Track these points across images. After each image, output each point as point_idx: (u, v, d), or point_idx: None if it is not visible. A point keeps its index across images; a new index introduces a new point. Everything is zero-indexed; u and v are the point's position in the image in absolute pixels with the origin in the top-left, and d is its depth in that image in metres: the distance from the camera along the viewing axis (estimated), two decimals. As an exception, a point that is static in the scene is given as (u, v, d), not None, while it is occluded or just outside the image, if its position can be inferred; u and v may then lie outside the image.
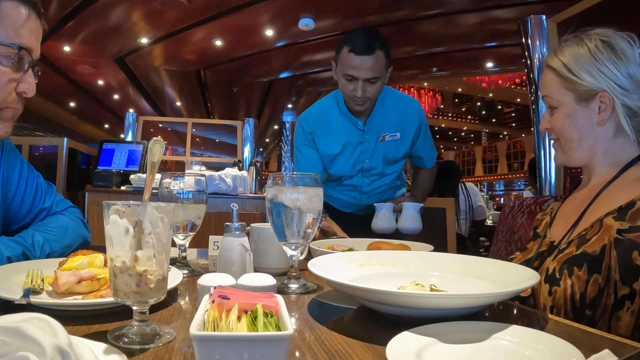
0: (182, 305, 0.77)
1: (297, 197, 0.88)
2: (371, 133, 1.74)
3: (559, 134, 1.01)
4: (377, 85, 1.60)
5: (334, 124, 1.75)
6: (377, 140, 1.75)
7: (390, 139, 1.75)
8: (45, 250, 0.99)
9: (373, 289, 0.63)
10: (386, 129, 1.74)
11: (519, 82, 11.98)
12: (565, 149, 1.01)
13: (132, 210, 0.56)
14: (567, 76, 0.96)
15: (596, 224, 0.89)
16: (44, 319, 0.41)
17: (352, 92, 1.60)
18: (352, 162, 1.77)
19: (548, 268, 0.90)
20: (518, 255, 1.06)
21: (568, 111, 0.98)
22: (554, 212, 1.09)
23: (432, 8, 5.76)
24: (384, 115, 1.75)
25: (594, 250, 0.85)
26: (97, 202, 3.36)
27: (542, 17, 3.37)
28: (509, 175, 14.92)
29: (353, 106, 1.66)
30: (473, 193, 4.14)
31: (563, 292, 0.85)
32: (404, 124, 1.76)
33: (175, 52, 7.41)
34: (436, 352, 0.52)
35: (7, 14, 0.88)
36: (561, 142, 1.01)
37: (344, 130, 1.75)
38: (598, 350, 0.48)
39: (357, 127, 1.74)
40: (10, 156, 1.08)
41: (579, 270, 0.84)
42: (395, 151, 1.78)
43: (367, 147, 1.75)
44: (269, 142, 14.43)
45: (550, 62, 1.01)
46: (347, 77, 1.58)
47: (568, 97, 0.97)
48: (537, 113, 3.41)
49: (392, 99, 1.77)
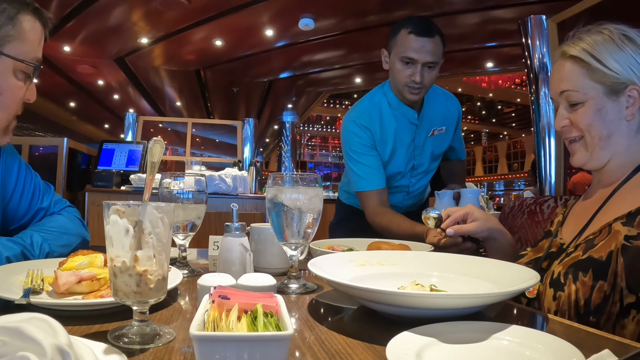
0: (182, 305, 0.77)
1: (297, 197, 0.88)
2: (422, 127, 1.68)
3: (585, 131, 0.92)
4: (433, 72, 1.56)
5: (387, 119, 1.66)
6: (426, 135, 1.70)
7: (438, 133, 1.71)
8: (44, 249, 0.99)
9: (373, 289, 0.63)
10: (435, 123, 1.70)
11: (519, 82, 11.98)
12: (592, 147, 0.92)
13: (132, 210, 0.56)
14: (595, 65, 0.88)
15: (605, 228, 0.86)
16: (44, 319, 0.41)
17: (409, 78, 1.54)
18: (407, 159, 1.71)
19: (553, 272, 0.87)
20: (529, 251, 1.03)
21: (597, 105, 0.89)
22: (567, 210, 1.05)
23: (432, 8, 5.76)
24: (432, 109, 1.70)
25: (600, 255, 0.82)
26: (97, 202, 3.36)
27: (542, 17, 3.38)
28: (509, 175, 14.93)
29: (408, 94, 1.58)
30: (473, 193, 4.14)
31: (567, 298, 0.82)
32: (447, 118, 1.73)
33: (175, 52, 7.41)
34: (436, 352, 0.52)
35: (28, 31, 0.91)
36: (587, 140, 0.92)
37: (398, 125, 1.66)
38: (598, 350, 0.48)
39: (410, 121, 1.66)
40: (8, 156, 1.08)
41: (584, 276, 0.81)
42: (440, 146, 1.75)
43: (418, 143, 1.70)
44: (269, 142, 14.44)
45: (571, 51, 0.91)
46: (406, 61, 1.53)
47: (595, 90, 0.89)
48: (537, 113, 3.41)
49: (434, 93, 1.72)
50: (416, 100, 1.61)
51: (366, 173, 1.65)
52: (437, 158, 1.80)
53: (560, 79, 0.94)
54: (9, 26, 0.88)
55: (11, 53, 0.89)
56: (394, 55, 1.57)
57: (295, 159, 10.85)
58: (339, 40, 6.90)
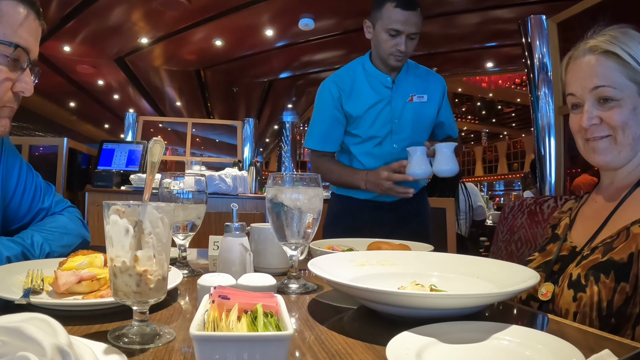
0: (182, 305, 0.77)
1: (297, 197, 0.88)
2: (399, 92, 1.75)
3: (618, 130, 0.89)
4: (415, 42, 1.67)
5: (362, 84, 1.77)
6: (405, 101, 1.75)
7: (418, 100, 1.76)
8: (44, 250, 0.99)
9: (373, 289, 0.63)
10: (413, 90, 1.76)
11: (519, 82, 11.97)
12: (623, 146, 0.89)
13: (132, 210, 0.56)
14: (631, 64, 0.86)
15: (623, 232, 0.85)
16: (44, 319, 0.41)
17: (394, 48, 1.64)
18: (382, 121, 1.75)
19: (572, 274, 0.87)
20: (537, 256, 1.02)
21: (633, 104, 0.87)
22: (573, 213, 1.04)
23: (432, 8, 5.76)
24: (409, 78, 1.78)
25: (621, 258, 0.81)
26: (97, 202, 3.36)
27: (542, 17, 3.38)
28: (509, 175, 14.92)
29: (393, 62, 1.68)
30: (473, 193, 4.14)
31: (589, 299, 0.81)
32: (430, 90, 1.78)
33: (175, 52, 7.41)
34: (436, 352, 0.52)
35: (6, 12, 0.88)
36: (618, 139, 0.89)
37: (372, 89, 1.75)
38: (598, 350, 0.48)
39: (384, 85, 1.75)
40: (9, 156, 1.08)
41: (606, 278, 0.81)
42: (423, 115, 1.78)
43: (396, 107, 1.75)
44: (269, 142, 14.44)
45: (605, 46, 0.89)
46: (392, 33, 1.63)
47: (631, 90, 0.87)
48: (537, 113, 3.41)
49: (415, 67, 1.83)
50: (399, 66, 1.72)
51: (321, 124, 1.80)
52: (422, 129, 1.79)
53: (594, 74, 0.89)
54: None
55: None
56: (379, 27, 1.67)
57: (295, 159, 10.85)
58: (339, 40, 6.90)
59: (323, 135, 1.81)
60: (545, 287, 0.91)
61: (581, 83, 0.92)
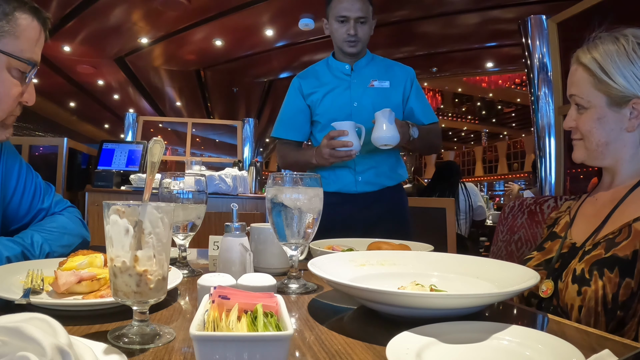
0: (182, 305, 0.77)
1: (297, 197, 0.88)
2: (359, 77, 1.81)
3: (585, 135, 0.97)
4: (366, 27, 1.74)
5: (324, 74, 1.86)
6: (366, 86, 1.80)
7: (379, 85, 1.80)
8: (44, 250, 0.99)
9: (373, 289, 0.63)
10: (375, 76, 1.81)
11: (519, 82, 11.98)
12: (590, 151, 0.97)
13: (132, 210, 0.56)
14: (601, 77, 0.92)
15: (625, 228, 0.87)
16: (44, 319, 0.41)
17: (345, 33, 1.73)
18: (340, 104, 1.79)
19: (575, 269, 0.88)
20: (536, 254, 1.03)
21: (598, 114, 0.94)
22: (573, 212, 1.06)
23: (432, 8, 5.77)
24: (373, 66, 1.84)
25: (625, 254, 0.83)
26: (97, 202, 3.36)
27: (542, 17, 3.37)
28: (509, 175, 14.91)
29: (347, 48, 1.76)
30: (473, 193, 4.14)
31: (594, 293, 0.82)
32: (394, 76, 1.82)
33: (175, 52, 7.41)
34: (436, 352, 0.52)
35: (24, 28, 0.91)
36: (586, 144, 0.97)
37: (332, 77, 1.83)
38: (598, 350, 0.48)
39: (344, 73, 1.82)
40: (9, 156, 1.08)
41: (610, 273, 0.82)
42: (385, 100, 1.77)
43: (355, 91, 1.80)
44: (269, 142, 14.43)
45: (583, 59, 0.95)
46: (340, 19, 1.72)
47: (599, 99, 0.93)
48: (537, 113, 3.41)
49: (382, 60, 1.88)
50: (354, 52, 1.77)
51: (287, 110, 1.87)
52: None
53: (571, 83, 0.98)
54: (3, 22, 0.88)
55: (5, 49, 0.89)
56: (330, 18, 1.77)
57: (295, 159, 10.82)
58: (339, 40, 6.88)
59: (285, 123, 1.87)
60: (545, 284, 0.92)
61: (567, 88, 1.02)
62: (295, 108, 1.85)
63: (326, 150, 1.58)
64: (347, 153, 1.56)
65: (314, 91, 1.83)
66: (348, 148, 1.54)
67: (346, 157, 1.59)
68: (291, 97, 1.87)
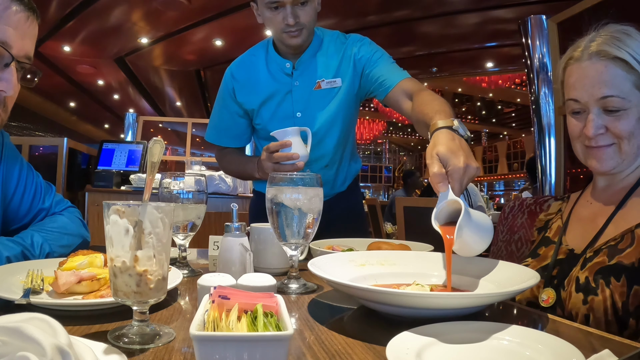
0: (182, 305, 0.77)
1: (297, 197, 0.88)
2: (303, 79, 1.46)
3: (624, 139, 0.86)
4: (308, 8, 1.38)
5: (260, 71, 1.50)
6: (311, 90, 1.46)
7: (328, 85, 1.46)
8: (44, 250, 0.99)
9: (373, 289, 0.63)
10: (322, 73, 1.46)
11: (519, 82, 11.96)
12: (627, 155, 0.88)
13: (132, 210, 0.56)
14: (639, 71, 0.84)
15: (627, 234, 0.84)
16: (44, 319, 0.41)
17: (282, 23, 1.36)
18: (282, 114, 1.47)
19: (578, 277, 0.85)
20: (531, 261, 1.00)
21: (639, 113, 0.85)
22: (565, 215, 1.02)
23: (432, 8, 5.77)
24: (321, 58, 1.47)
25: (631, 262, 0.80)
26: (97, 202, 3.36)
27: (542, 17, 3.37)
28: (509, 175, 14.92)
29: (288, 40, 1.40)
30: (473, 193, 4.14)
31: (602, 302, 0.80)
32: (345, 65, 1.46)
33: (175, 52, 7.41)
34: (436, 352, 0.52)
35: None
36: (623, 148, 0.87)
37: (270, 78, 1.48)
38: (598, 350, 0.48)
39: (284, 72, 1.47)
40: (9, 156, 1.07)
41: (617, 281, 0.80)
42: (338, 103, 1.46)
43: (298, 97, 1.47)
44: (269, 142, 14.43)
45: (617, 53, 0.85)
46: (273, 6, 1.35)
47: (637, 98, 0.85)
48: (537, 113, 3.41)
49: (331, 37, 1.51)
50: (299, 44, 1.42)
51: (216, 120, 1.58)
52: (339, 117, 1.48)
53: (602, 83, 0.86)
54: None
55: None
56: (261, 5, 1.40)
57: (295, 159, 10.82)
58: (339, 40, 6.89)
59: (219, 130, 1.59)
60: (545, 292, 0.89)
61: (588, 90, 0.88)
62: (228, 111, 1.54)
63: (268, 164, 1.28)
64: (293, 167, 1.26)
65: (247, 99, 1.50)
66: (293, 161, 1.26)
67: (293, 170, 1.27)
68: (222, 96, 1.55)
